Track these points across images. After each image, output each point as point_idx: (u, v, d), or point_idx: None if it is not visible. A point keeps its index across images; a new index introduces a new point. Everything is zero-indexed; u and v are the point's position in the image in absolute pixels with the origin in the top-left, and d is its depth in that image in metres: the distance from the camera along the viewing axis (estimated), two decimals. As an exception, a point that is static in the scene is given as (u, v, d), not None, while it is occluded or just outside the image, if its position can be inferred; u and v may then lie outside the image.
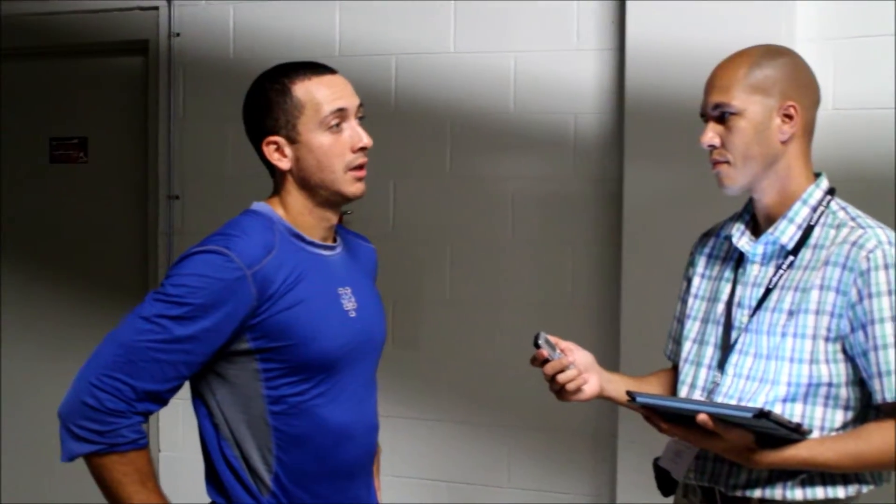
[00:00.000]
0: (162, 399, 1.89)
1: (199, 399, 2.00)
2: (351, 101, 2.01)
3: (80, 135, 4.57)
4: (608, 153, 3.67)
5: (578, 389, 2.14)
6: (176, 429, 4.16)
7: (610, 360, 3.29)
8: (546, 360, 2.08)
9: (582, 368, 2.14)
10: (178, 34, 4.20)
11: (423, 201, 3.93)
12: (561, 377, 2.10)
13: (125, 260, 4.47)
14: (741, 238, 2.13)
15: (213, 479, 1.99)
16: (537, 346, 2.07)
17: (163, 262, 4.23)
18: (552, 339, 2.12)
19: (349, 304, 2.07)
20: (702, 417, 1.87)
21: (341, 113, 1.98)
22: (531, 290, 3.80)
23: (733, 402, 2.01)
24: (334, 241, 2.13)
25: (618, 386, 2.23)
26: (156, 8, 4.24)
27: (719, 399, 2.04)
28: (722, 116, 2.03)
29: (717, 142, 2.04)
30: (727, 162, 2.04)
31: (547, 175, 3.78)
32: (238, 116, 2.11)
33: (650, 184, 3.49)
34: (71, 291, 4.57)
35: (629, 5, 3.48)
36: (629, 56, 3.49)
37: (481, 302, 3.86)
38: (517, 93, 3.78)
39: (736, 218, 2.19)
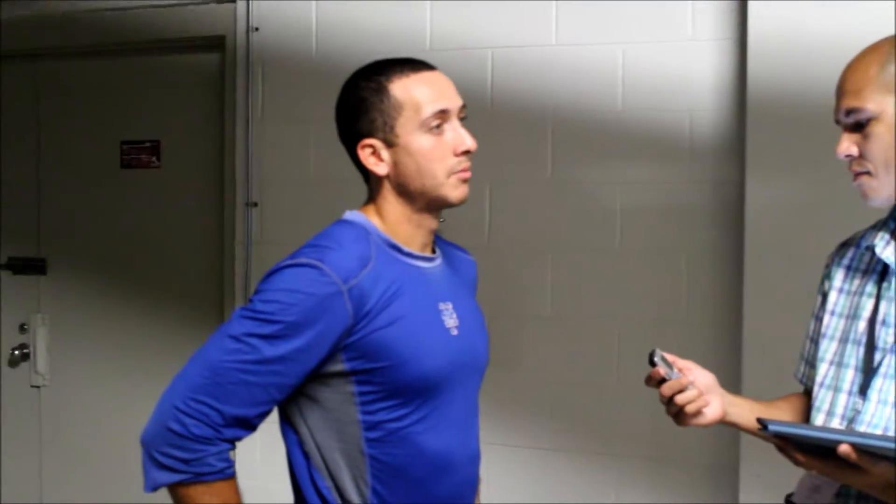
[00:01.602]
0: (251, 425, 1.91)
1: (288, 425, 2.01)
2: (454, 101, 2.01)
3: (152, 138, 4.65)
4: (728, 155, 3.63)
5: (699, 412, 2.10)
6: (253, 455, 4.20)
7: (731, 382, 3.25)
8: (663, 380, 2.05)
9: (703, 389, 2.11)
10: (256, 29, 4.25)
11: (521, 208, 3.93)
12: (679, 398, 2.07)
13: (200, 272, 4.55)
14: (886, 248, 2.07)
15: (304, 512, 2.00)
16: (653, 363, 2.04)
17: (240, 273, 4.29)
18: (669, 356, 2.09)
19: (451, 321, 2.07)
20: (844, 449, 1.82)
21: (443, 114, 1.99)
22: (642, 306, 3.78)
23: (878, 431, 1.96)
24: (433, 251, 2.13)
25: (743, 411, 2.19)
26: (233, 1, 4.30)
27: (861, 428, 1.99)
28: (858, 124, 1.95)
29: (853, 152, 1.96)
30: (867, 172, 1.96)
31: (659, 179, 3.75)
32: (321, 117, 2.13)
33: (775, 188, 3.44)
34: (143, 306, 4.66)
35: (751, -10, 3.46)
36: (752, 46, 3.45)
37: (586, 319, 3.85)
38: (626, 89, 3.77)
39: (880, 226, 2.12)
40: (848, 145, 1.97)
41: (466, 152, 2.01)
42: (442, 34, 3.99)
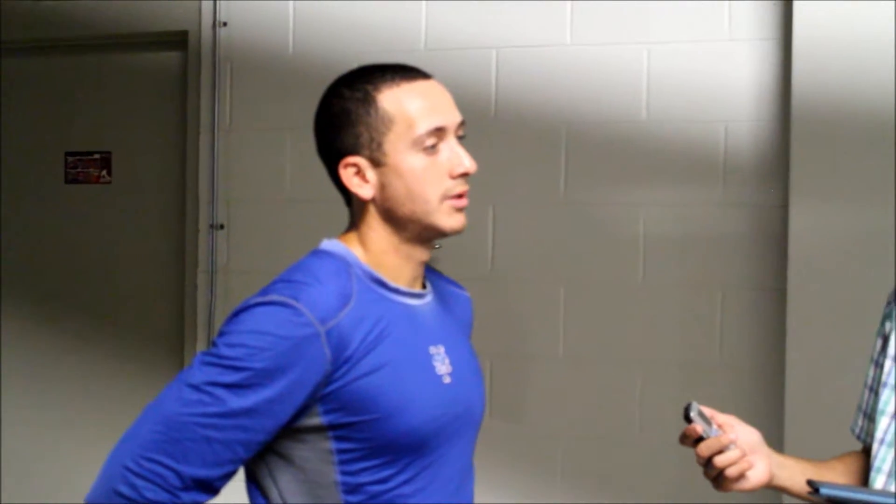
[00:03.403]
0: (213, 488, 1.89)
1: (255, 487, 2.00)
2: (451, 118, 2.01)
3: (101, 149, 4.66)
4: (769, 174, 3.64)
5: (742, 475, 2.10)
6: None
7: (772, 438, 3.25)
8: (700, 438, 2.05)
9: (746, 449, 2.10)
10: (224, 24, 4.27)
11: (530, 233, 3.93)
12: (719, 460, 2.07)
13: (157, 306, 4.54)
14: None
15: (274, 588, 2.00)
16: (688, 419, 2.03)
17: (203, 307, 4.28)
18: (707, 410, 2.09)
19: (443, 367, 2.06)
20: (908, 515, 1.84)
21: (439, 132, 1.99)
22: (669, 348, 3.78)
23: (946, 496, 1.97)
24: (423, 286, 2.13)
25: (792, 472, 2.19)
26: (197, -9, 4.33)
27: (927, 492, 2.00)
28: None
29: None
30: None
31: (688, 202, 3.76)
32: (298, 126, 2.14)
33: (824, 213, 3.44)
34: (89, 346, 4.65)
35: (798, -18, 3.48)
36: (797, 47, 3.46)
37: (604, 362, 3.85)
38: (651, 96, 3.78)
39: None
40: None
41: (464, 175, 2.02)
42: (439, 32, 4.00)
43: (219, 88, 4.29)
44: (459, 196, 2.03)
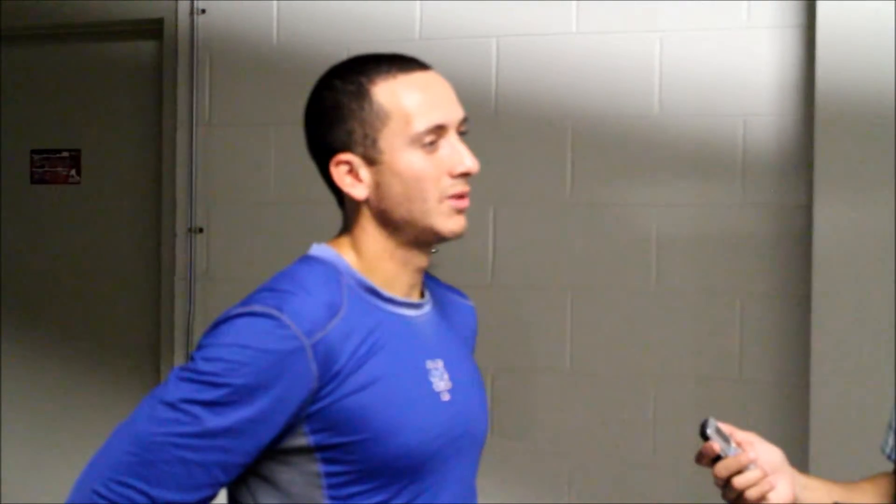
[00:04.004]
0: (188, 514, 1.89)
1: (236, 512, 2.00)
2: (453, 113, 2.00)
3: (70, 147, 4.64)
4: (791, 171, 3.63)
5: (763, 498, 2.10)
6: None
7: (796, 457, 3.24)
8: (718, 457, 2.05)
9: (767, 469, 2.09)
10: (203, 11, 4.25)
11: (533, 237, 3.92)
12: (739, 481, 2.06)
13: (131, 315, 4.52)
14: None
15: None
16: (705, 437, 2.03)
17: (181, 317, 4.26)
18: (725, 427, 2.08)
19: (441, 383, 2.05)
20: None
21: (439, 130, 1.98)
22: (684, 360, 3.76)
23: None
24: (421, 295, 2.12)
25: (817, 495, 2.18)
26: (173, -24, 4.31)
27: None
28: None
29: None
30: None
31: (704, 201, 3.75)
32: (283, 121, 2.12)
33: (851, 213, 3.43)
34: (58, 358, 4.63)
35: (822, -35, 3.46)
36: (822, 34, 3.45)
37: (615, 375, 3.83)
38: (663, 88, 3.77)
39: None
40: None
41: (465, 175, 2.00)
42: (435, 20, 3.98)
43: (197, 80, 4.27)
44: (460, 196, 2.01)
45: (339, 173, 2.01)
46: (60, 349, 4.63)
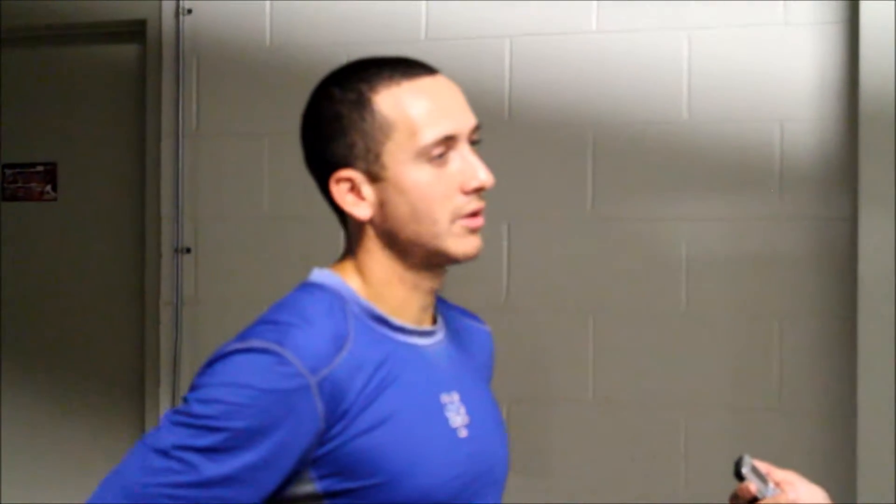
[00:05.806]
0: (184, 572, 1.88)
1: (237, 565, 1.99)
2: (464, 122, 1.98)
3: (45, 160, 4.64)
4: (833, 181, 3.63)
5: (804, 542, 2.10)
6: None
7: (842, 496, 3.23)
8: (755, 499, 2.04)
9: (808, 511, 2.11)
10: (189, 11, 4.25)
11: (551, 254, 3.92)
12: (777, 525, 2.07)
13: (113, 346, 4.52)
14: None
15: None
16: (740, 477, 2.02)
17: (167, 347, 4.25)
18: (762, 465, 2.08)
19: (458, 418, 2.04)
20: None
21: (449, 141, 1.97)
22: (718, 388, 3.76)
23: None
24: (434, 321, 2.11)
25: (866, 541, 2.18)
26: (157, -25, 4.32)
27: None
28: None
29: None
30: None
31: (739, 215, 3.75)
32: (277, 131, 2.12)
33: (900, 227, 3.44)
34: (33, 393, 4.63)
35: (865, -42, 3.46)
36: (866, 32, 3.46)
37: (642, 405, 3.83)
38: (693, 91, 3.77)
39: None
40: None
41: (479, 190, 1.99)
42: (442, 19, 3.98)
43: (183, 87, 4.28)
44: (474, 214, 2.00)
45: (339, 191, 1.99)
46: (35, 382, 4.64)
